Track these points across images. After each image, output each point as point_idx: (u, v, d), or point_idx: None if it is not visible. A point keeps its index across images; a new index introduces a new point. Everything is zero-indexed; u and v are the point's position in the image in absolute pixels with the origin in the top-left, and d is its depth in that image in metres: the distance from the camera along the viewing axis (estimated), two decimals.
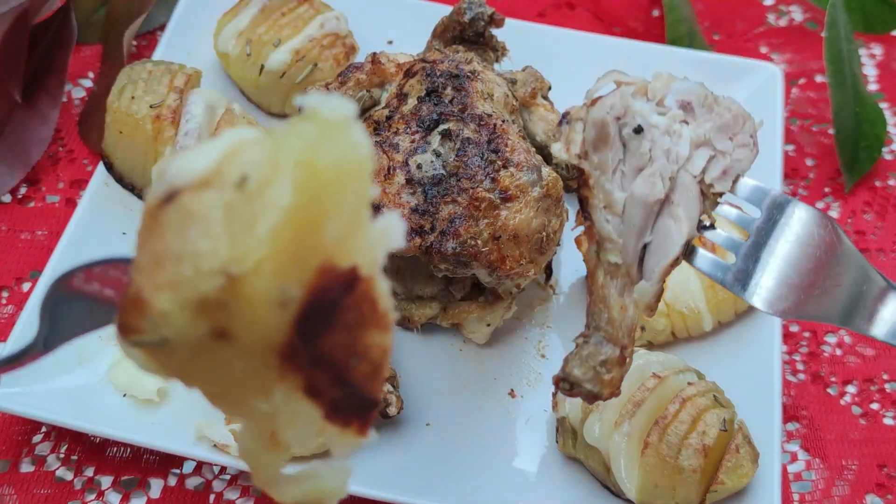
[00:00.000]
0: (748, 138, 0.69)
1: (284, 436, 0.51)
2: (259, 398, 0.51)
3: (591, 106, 0.71)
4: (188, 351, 0.49)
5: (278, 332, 0.48)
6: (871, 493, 0.99)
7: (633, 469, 0.89)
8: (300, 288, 0.47)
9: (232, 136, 0.50)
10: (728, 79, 1.23)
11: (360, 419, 0.51)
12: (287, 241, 0.47)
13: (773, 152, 1.16)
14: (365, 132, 0.50)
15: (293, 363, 0.49)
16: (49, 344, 0.59)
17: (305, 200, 0.47)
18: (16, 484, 0.97)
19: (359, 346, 0.49)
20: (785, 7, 1.45)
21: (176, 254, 0.47)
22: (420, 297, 1.05)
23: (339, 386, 0.49)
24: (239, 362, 0.49)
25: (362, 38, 1.26)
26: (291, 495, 0.53)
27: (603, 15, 1.43)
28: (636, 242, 0.70)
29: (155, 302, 0.47)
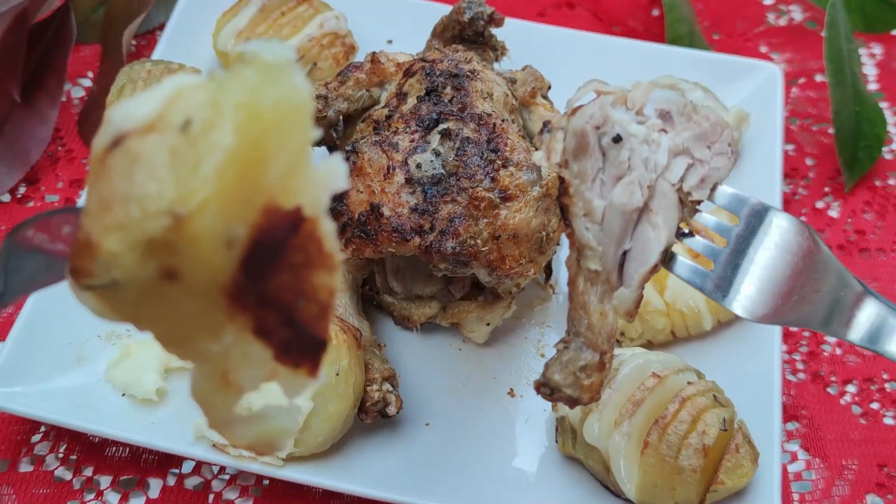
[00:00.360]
0: (726, 147, 0.70)
1: (236, 376, 0.52)
2: (210, 339, 0.51)
3: (571, 115, 0.72)
4: (138, 292, 0.50)
5: (225, 271, 0.49)
6: (872, 493, 0.99)
7: (632, 469, 0.89)
8: (246, 227, 0.49)
9: (175, 82, 0.51)
10: (728, 78, 1.23)
11: (311, 360, 0.51)
12: (231, 182, 0.48)
13: (772, 152, 1.16)
14: (304, 76, 0.51)
15: (242, 303, 0.50)
16: (4, 299, 0.59)
17: (248, 142, 0.49)
18: (14, 483, 0.97)
19: (306, 287, 0.50)
20: (784, 6, 1.45)
21: (123, 196, 0.48)
22: (420, 296, 1.04)
23: (287, 326, 0.50)
24: (189, 302, 0.50)
25: (362, 37, 1.26)
26: (244, 437, 0.54)
27: (603, 14, 1.43)
28: (616, 250, 0.71)
29: (104, 244, 0.49)
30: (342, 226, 0.98)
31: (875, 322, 0.70)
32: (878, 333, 0.70)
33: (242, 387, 0.52)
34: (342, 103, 1.04)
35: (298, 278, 0.50)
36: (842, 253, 1.18)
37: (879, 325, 0.70)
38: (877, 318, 0.70)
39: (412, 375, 1.02)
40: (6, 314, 1.09)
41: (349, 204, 0.97)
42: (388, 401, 0.94)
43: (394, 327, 1.06)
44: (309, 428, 0.91)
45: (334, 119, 1.04)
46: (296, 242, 0.50)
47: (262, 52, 0.51)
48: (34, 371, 0.97)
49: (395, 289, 1.04)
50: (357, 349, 0.94)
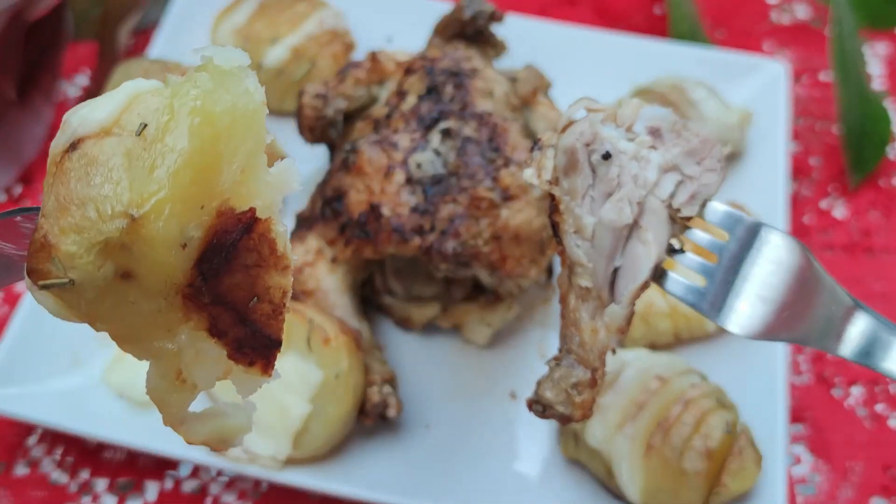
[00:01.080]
0: (716, 163, 0.70)
1: (190, 374, 0.54)
2: (165, 338, 0.53)
3: (561, 133, 0.73)
4: (95, 292, 0.51)
5: (180, 271, 0.51)
6: (877, 496, 0.99)
7: (635, 472, 0.88)
8: (200, 229, 0.50)
9: (131, 87, 0.53)
10: (732, 76, 1.22)
11: (264, 358, 0.53)
12: (186, 185, 0.50)
13: (777, 151, 1.15)
14: (257, 82, 0.53)
15: (196, 303, 0.52)
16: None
17: (202, 146, 0.51)
18: (10, 487, 0.96)
19: (259, 287, 0.52)
20: (788, 4, 1.44)
21: (80, 198, 0.50)
22: (420, 297, 1.03)
23: (241, 326, 0.52)
24: (145, 303, 0.51)
25: (361, 35, 1.25)
26: (199, 434, 0.56)
27: (605, 11, 1.42)
28: (606, 266, 0.71)
29: (61, 245, 0.50)
30: (342, 226, 0.97)
31: (867, 337, 0.71)
32: (871, 348, 0.70)
33: (196, 385, 0.54)
34: (341, 102, 1.03)
35: (251, 278, 0.52)
36: (847, 253, 1.17)
37: (872, 340, 0.71)
38: (869, 332, 0.71)
39: (412, 378, 1.01)
40: (1, 315, 1.08)
41: (349, 204, 0.96)
42: (388, 403, 0.93)
43: (394, 329, 1.05)
44: (308, 431, 0.90)
45: (333, 118, 1.03)
46: (248, 243, 0.51)
47: (216, 57, 0.52)
48: (30, 373, 0.96)
49: (395, 290, 1.03)
50: (357, 351, 0.93)
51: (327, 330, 0.91)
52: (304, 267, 0.98)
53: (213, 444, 0.57)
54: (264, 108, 0.53)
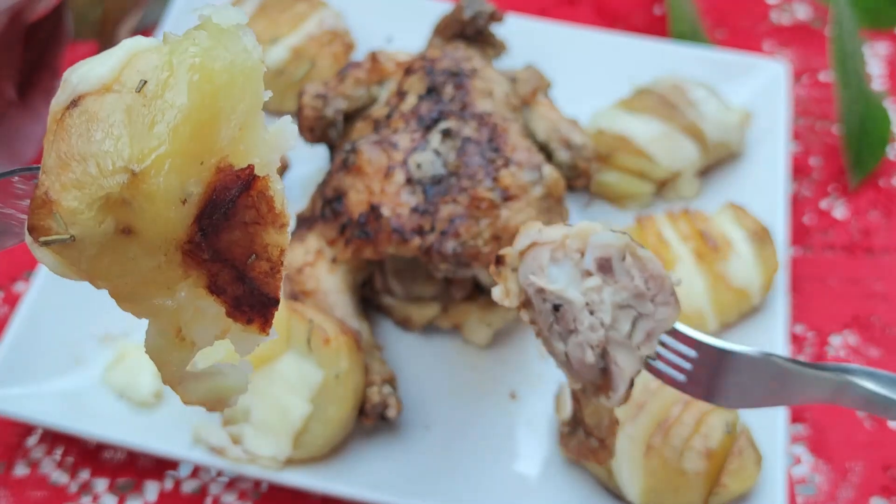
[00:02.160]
0: (668, 297, 0.71)
1: (189, 331, 0.54)
2: (164, 295, 0.53)
3: (519, 257, 0.75)
4: (96, 248, 0.51)
5: (180, 227, 0.51)
6: (877, 496, 0.98)
7: (635, 472, 0.88)
8: (199, 185, 0.51)
9: (130, 44, 0.53)
10: (732, 76, 1.22)
11: (262, 316, 0.54)
12: (186, 140, 0.51)
13: (777, 151, 1.15)
14: (255, 40, 0.54)
15: (196, 259, 0.52)
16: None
17: (201, 102, 0.51)
18: (10, 487, 0.96)
19: (257, 245, 0.53)
20: (788, 4, 1.44)
21: (81, 154, 0.51)
22: (420, 297, 1.03)
23: (240, 283, 0.53)
24: (145, 259, 0.52)
25: (361, 35, 1.25)
26: (196, 393, 0.56)
27: (605, 11, 1.42)
28: (589, 374, 0.74)
29: (62, 201, 0.50)
30: (342, 226, 0.97)
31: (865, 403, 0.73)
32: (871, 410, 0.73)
33: (195, 342, 0.54)
34: (341, 102, 1.03)
35: (250, 235, 0.52)
36: (847, 253, 1.17)
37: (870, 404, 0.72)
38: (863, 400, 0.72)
39: (412, 378, 1.01)
40: (2, 315, 1.08)
41: (348, 204, 0.96)
42: (388, 403, 0.93)
43: (394, 329, 1.05)
44: (308, 431, 0.90)
45: (333, 118, 1.03)
46: (247, 200, 0.52)
47: (215, 16, 0.53)
48: (30, 373, 0.96)
49: (395, 290, 1.03)
50: (357, 351, 0.93)
51: (327, 330, 0.91)
52: (304, 267, 0.98)
53: (209, 404, 0.57)
54: (262, 66, 0.53)
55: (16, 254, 1.13)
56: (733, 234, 1.04)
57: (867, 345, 1.09)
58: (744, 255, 1.02)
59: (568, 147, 1.05)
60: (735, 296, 1.01)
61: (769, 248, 1.04)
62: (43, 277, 1.01)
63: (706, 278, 1.01)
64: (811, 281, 1.14)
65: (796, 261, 1.15)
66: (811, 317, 1.11)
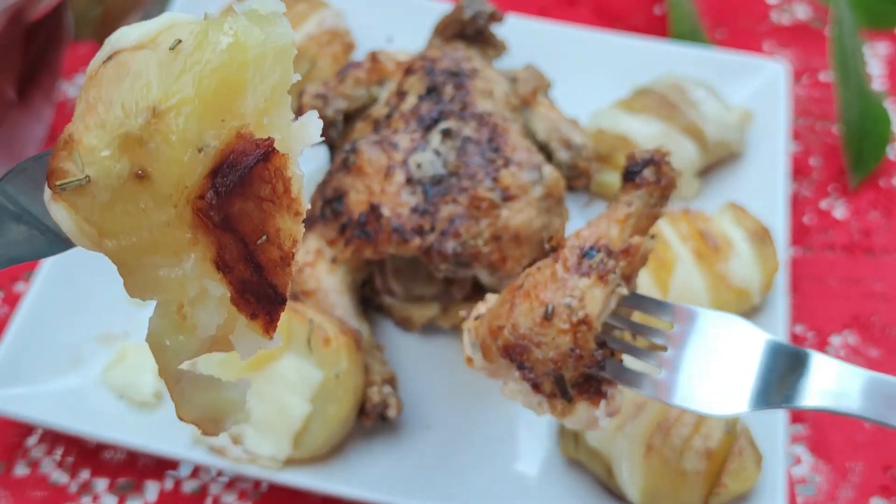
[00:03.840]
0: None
1: (192, 312, 0.53)
2: (171, 263, 0.53)
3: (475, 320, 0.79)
4: (109, 193, 0.52)
5: (193, 175, 0.52)
6: (877, 496, 0.98)
7: (635, 472, 0.88)
8: (218, 140, 0.52)
9: (169, 17, 0.55)
10: (732, 76, 1.22)
11: (267, 313, 0.53)
12: (210, 92, 0.52)
13: (777, 151, 1.15)
14: (290, 26, 0.56)
15: (206, 222, 0.52)
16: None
17: (231, 64, 0.52)
18: (10, 487, 0.96)
19: (269, 226, 0.52)
20: (788, 4, 1.44)
21: (108, 98, 0.52)
22: (420, 297, 1.03)
23: (248, 264, 0.52)
24: (155, 211, 0.52)
25: (361, 35, 1.25)
26: (193, 403, 0.56)
27: (604, 12, 1.42)
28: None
29: (84, 139, 0.52)
30: (342, 226, 0.97)
31: (828, 387, 0.71)
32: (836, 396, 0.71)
33: (197, 326, 0.54)
34: (341, 102, 1.03)
35: (263, 212, 0.52)
36: (847, 253, 1.17)
37: (832, 388, 0.71)
38: (828, 382, 0.71)
39: (412, 378, 1.01)
40: (1, 315, 1.08)
41: (349, 204, 0.96)
42: (388, 403, 0.93)
43: (394, 329, 1.05)
44: (308, 431, 0.90)
45: (333, 118, 1.03)
46: (264, 173, 0.52)
47: (255, 4, 0.55)
48: (30, 373, 0.96)
49: (395, 290, 1.03)
50: (357, 351, 0.93)
51: (327, 330, 0.91)
52: (305, 267, 0.98)
53: (205, 422, 0.56)
54: (294, 48, 0.55)
55: None
56: (733, 234, 1.04)
57: (867, 345, 1.09)
58: (744, 255, 1.02)
59: (568, 147, 1.05)
60: (735, 296, 1.01)
61: (769, 248, 1.04)
62: (43, 277, 1.01)
63: (706, 278, 1.01)
64: (811, 281, 1.14)
65: (796, 261, 1.15)
66: (811, 317, 1.11)
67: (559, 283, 0.73)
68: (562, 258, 0.75)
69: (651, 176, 0.76)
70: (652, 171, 0.76)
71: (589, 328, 0.72)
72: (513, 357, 0.74)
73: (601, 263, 0.74)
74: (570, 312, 0.72)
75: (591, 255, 0.74)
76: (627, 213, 0.76)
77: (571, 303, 0.72)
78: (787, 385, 0.71)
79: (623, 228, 0.76)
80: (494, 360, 0.76)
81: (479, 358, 0.77)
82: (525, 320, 0.73)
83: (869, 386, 0.69)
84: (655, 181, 0.76)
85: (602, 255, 0.74)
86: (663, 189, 0.77)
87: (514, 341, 0.74)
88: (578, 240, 0.76)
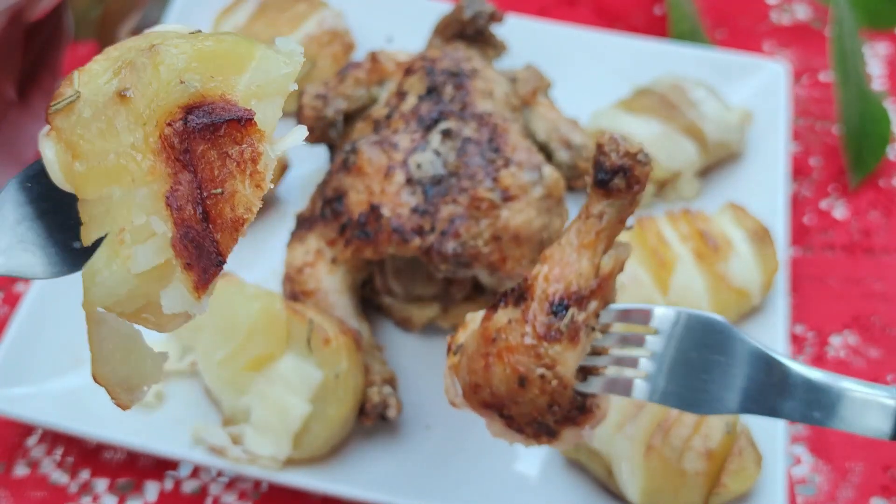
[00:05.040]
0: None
1: (132, 241, 0.55)
2: (126, 186, 0.55)
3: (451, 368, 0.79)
4: (92, 110, 0.57)
5: (169, 99, 0.55)
6: (877, 496, 0.98)
7: (635, 472, 0.88)
8: (200, 84, 0.56)
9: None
10: (732, 76, 1.22)
11: (202, 269, 0.54)
12: (207, 49, 0.57)
13: (777, 151, 1.15)
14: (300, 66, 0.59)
15: (169, 153, 0.55)
16: None
17: (236, 45, 0.58)
18: (10, 487, 0.96)
19: (228, 185, 0.55)
20: (788, 5, 1.44)
21: (123, 46, 0.60)
22: (420, 298, 1.03)
23: (196, 209, 0.54)
24: (126, 133, 0.56)
25: (361, 35, 1.25)
26: (110, 361, 0.58)
27: (604, 12, 1.42)
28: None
29: (90, 66, 0.59)
30: (342, 226, 0.97)
31: (807, 397, 0.70)
32: (813, 406, 0.69)
33: (133, 258, 0.55)
34: (341, 102, 1.03)
35: (224, 168, 0.55)
36: (847, 253, 1.17)
37: (813, 399, 0.69)
38: (807, 395, 0.70)
39: (412, 378, 1.01)
40: (2, 315, 1.08)
41: (349, 204, 0.96)
42: (388, 404, 0.93)
43: (394, 329, 1.05)
44: (308, 431, 0.90)
45: (333, 118, 1.03)
46: (235, 133, 0.55)
47: (278, 42, 0.60)
48: (30, 373, 0.96)
49: (395, 290, 1.03)
50: (357, 352, 0.93)
51: (327, 330, 0.91)
52: (304, 267, 0.98)
53: (118, 391, 0.58)
54: (292, 81, 0.59)
55: None
56: (733, 234, 1.04)
57: (867, 345, 1.09)
58: (744, 256, 1.02)
59: (568, 147, 1.05)
60: (735, 296, 1.01)
61: (769, 248, 1.04)
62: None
63: (706, 278, 1.01)
64: (811, 281, 1.14)
65: (796, 261, 1.15)
66: (811, 317, 1.11)
67: (529, 350, 0.72)
68: (530, 319, 0.72)
69: (622, 183, 0.72)
70: (622, 179, 0.71)
71: (564, 388, 0.72)
72: (494, 409, 0.74)
73: (571, 323, 0.72)
74: (543, 382, 0.72)
75: (560, 314, 0.72)
76: (598, 229, 0.73)
77: (545, 373, 0.71)
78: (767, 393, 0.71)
79: (594, 254, 0.73)
80: (476, 410, 0.76)
81: (461, 402, 0.77)
82: (501, 385, 0.73)
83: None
84: (627, 188, 0.72)
85: (572, 312, 0.72)
86: (635, 194, 0.72)
87: (492, 401, 0.74)
88: (547, 286, 0.73)
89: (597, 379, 0.74)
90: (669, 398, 0.73)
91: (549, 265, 0.74)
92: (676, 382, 0.73)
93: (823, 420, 0.68)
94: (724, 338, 0.72)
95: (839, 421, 0.67)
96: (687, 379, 0.72)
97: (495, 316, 0.74)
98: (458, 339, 0.78)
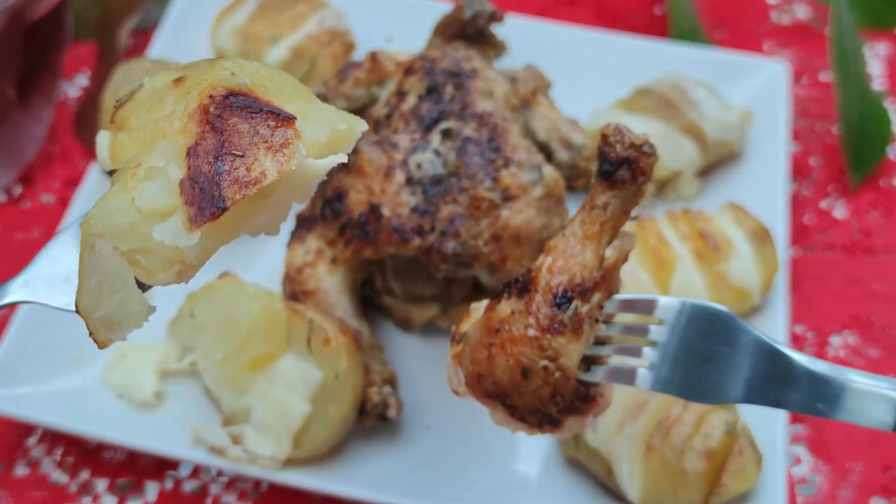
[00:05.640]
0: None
1: (144, 176, 0.57)
2: (158, 141, 0.59)
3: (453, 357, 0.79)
4: (149, 94, 0.62)
5: (218, 77, 0.60)
6: (877, 496, 0.98)
7: (635, 472, 0.88)
8: (249, 80, 0.61)
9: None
10: (732, 76, 1.22)
11: (200, 208, 0.56)
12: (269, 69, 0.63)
13: (777, 151, 1.15)
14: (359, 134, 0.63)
15: (203, 114, 0.58)
16: None
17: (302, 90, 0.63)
18: (10, 487, 0.96)
19: (250, 153, 0.57)
20: (788, 5, 1.44)
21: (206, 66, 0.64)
22: (420, 297, 1.03)
23: (212, 164, 0.57)
24: (170, 105, 0.60)
25: (361, 35, 1.25)
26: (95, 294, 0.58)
27: (604, 12, 1.42)
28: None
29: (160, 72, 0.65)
30: (342, 226, 0.97)
31: (810, 389, 0.69)
32: (817, 398, 0.68)
33: (140, 190, 0.57)
34: (341, 102, 1.03)
35: (252, 142, 0.58)
36: (847, 253, 1.17)
37: (816, 390, 0.68)
38: (811, 386, 0.69)
39: (412, 378, 1.01)
40: (2, 316, 1.08)
41: (349, 204, 0.96)
42: (388, 404, 0.93)
43: (394, 329, 1.05)
44: (308, 431, 0.90)
45: None
46: (271, 121, 0.58)
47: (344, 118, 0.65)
48: (30, 373, 0.96)
49: (395, 290, 1.03)
50: (356, 351, 0.93)
51: (327, 330, 0.91)
52: (304, 267, 0.98)
53: (98, 327, 0.59)
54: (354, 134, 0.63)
55: (15, 253, 1.13)
56: (733, 234, 1.04)
57: (867, 345, 1.09)
58: (744, 255, 1.02)
59: (568, 147, 1.05)
60: (735, 296, 1.01)
61: (769, 248, 1.04)
62: None
63: (706, 278, 1.01)
64: (811, 281, 1.14)
65: (796, 261, 1.15)
66: (811, 317, 1.11)
67: (533, 342, 0.71)
68: (534, 311, 0.72)
69: (627, 175, 0.71)
70: (627, 171, 0.71)
71: (567, 379, 0.72)
72: (497, 398, 0.74)
73: (574, 315, 0.71)
74: (546, 374, 0.71)
75: (564, 306, 0.71)
76: (603, 220, 0.73)
77: (548, 365, 0.71)
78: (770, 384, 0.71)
79: (598, 245, 0.73)
80: (479, 399, 0.76)
81: (464, 390, 0.77)
82: (504, 375, 0.73)
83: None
84: (632, 179, 0.72)
85: (576, 304, 0.71)
86: (640, 185, 0.72)
87: (495, 390, 0.74)
88: (551, 278, 0.72)
89: (600, 368, 0.74)
90: (672, 387, 0.72)
91: (553, 256, 0.73)
92: (680, 372, 0.72)
93: (827, 412, 0.68)
94: (729, 328, 0.71)
95: (843, 412, 0.67)
96: (690, 368, 0.72)
97: (499, 306, 0.74)
98: (462, 329, 0.78)
